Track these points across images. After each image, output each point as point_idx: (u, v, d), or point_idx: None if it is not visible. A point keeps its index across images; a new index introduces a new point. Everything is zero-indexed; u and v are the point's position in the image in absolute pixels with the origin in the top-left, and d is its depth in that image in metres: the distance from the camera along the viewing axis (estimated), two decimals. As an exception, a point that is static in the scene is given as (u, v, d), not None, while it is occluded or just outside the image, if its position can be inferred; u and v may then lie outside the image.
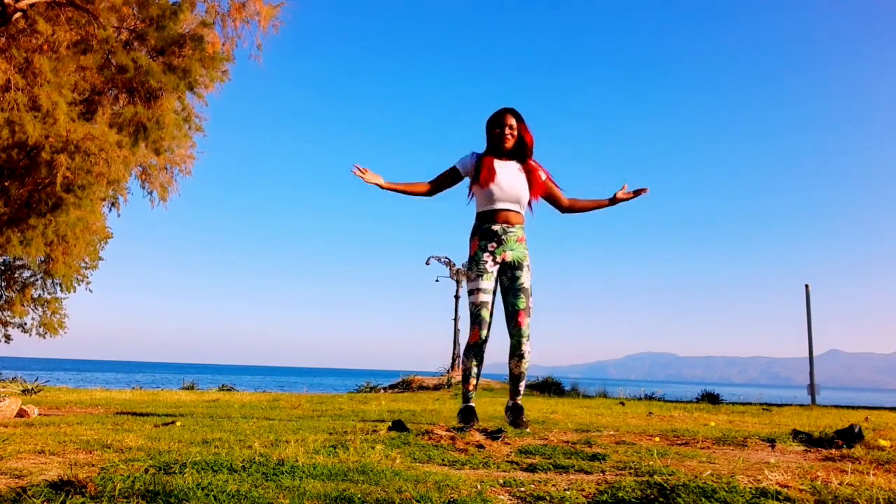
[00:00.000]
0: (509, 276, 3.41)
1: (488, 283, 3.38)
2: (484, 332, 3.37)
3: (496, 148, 3.45)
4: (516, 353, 3.39)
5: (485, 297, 3.36)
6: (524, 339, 3.36)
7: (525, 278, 3.40)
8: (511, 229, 3.39)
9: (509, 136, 3.41)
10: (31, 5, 10.24)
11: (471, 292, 3.41)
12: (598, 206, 3.63)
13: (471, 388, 3.47)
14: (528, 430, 3.27)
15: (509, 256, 3.39)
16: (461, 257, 22.09)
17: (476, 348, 3.39)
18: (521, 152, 3.47)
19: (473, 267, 3.41)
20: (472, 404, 3.48)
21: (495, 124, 3.44)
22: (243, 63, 13.41)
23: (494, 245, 3.38)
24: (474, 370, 3.43)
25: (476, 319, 3.37)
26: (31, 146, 10.42)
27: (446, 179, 3.53)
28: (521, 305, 3.36)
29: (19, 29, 10.42)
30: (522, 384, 3.50)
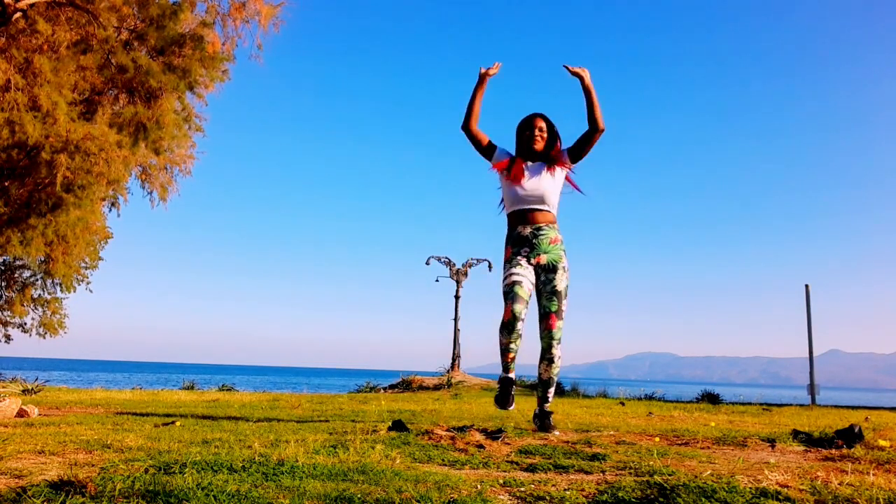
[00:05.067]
0: (543, 279, 3.34)
1: (523, 269, 3.30)
2: (518, 307, 3.22)
3: (526, 150, 3.44)
4: (546, 357, 3.34)
5: (518, 277, 3.28)
6: (554, 343, 3.30)
7: (560, 281, 3.32)
8: (542, 231, 3.34)
9: (539, 138, 3.42)
10: (31, 5, 10.23)
11: (505, 278, 3.33)
12: (590, 103, 3.37)
13: (509, 359, 3.38)
14: (557, 433, 3.23)
15: (544, 259, 3.33)
16: (461, 257, 22.10)
17: (510, 326, 3.25)
18: (550, 155, 3.45)
19: (507, 266, 3.36)
20: (512, 375, 3.43)
21: (525, 127, 3.46)
22: (243, 63, 13.42)
23: (528, 250, 3.34)
24: (511, 345, 3.31)
25: (508, 295, 3.27)
26: (31, 146, 10.41)
27: (482, 143, 3.47)
28: (553, 308, 3.29)
29: (19, 29, 10.42)
30: (552, 391, 3.41)
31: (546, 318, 3.31)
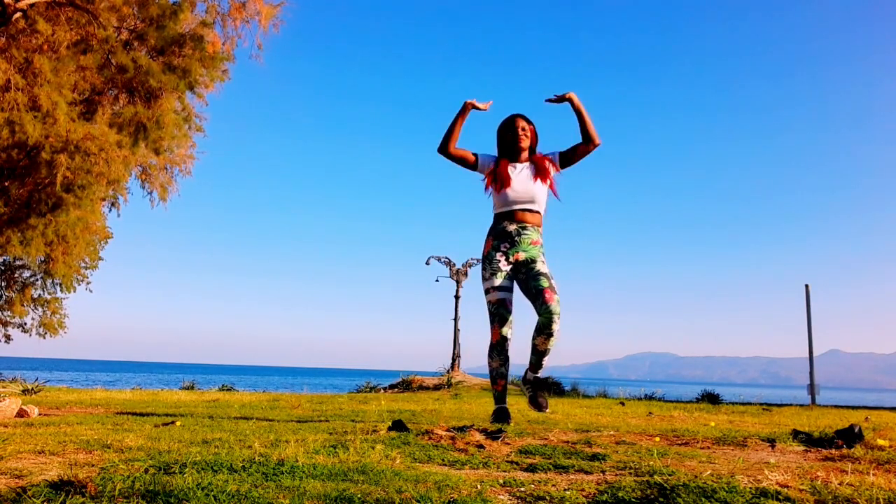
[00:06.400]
0: (525, 270, 3.37)
1: (503, 280, 3.35)
2: (505, 330, 3.31)
3: (511, 151, 3.49)
4: (544, 332, 3.21)
5: (502, 295, 3.33)
6: (555, 317, 3.20)
7: (542, 265, 3.35)
8: (526, 231, 3.38)
9: (523, 137, 3.47)
10: (31, 5, 10.23)
11: (487, 291, 3.37)
12: (582, 122, 3.43)
13: (500, 388, 3.38)
14: (547, 410, 3.27)
15: (522, 257, 3.37)
16: (461, 257, 22.08)
17: (499, 347, 3.33)
18: (536, 161, 3.51)
19: (487, 266, 3.39)
20: (506, 406, 3.40)
21: (507, 129, 3.50)
22: (243, 63, 13.42)
23: (507, 245, 3.38)
24: (501, 370, 3.35)
25: (495, 318, 3.32)
26: (31, 146, 10.41)
27: (464, 158, 3.50)
28: (545, 284, 3.27)
29: (19, 29, 10.42)
30: (546, 359, 3.33)
31: (541, 294, 3.24)
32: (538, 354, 3.32)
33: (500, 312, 3.32)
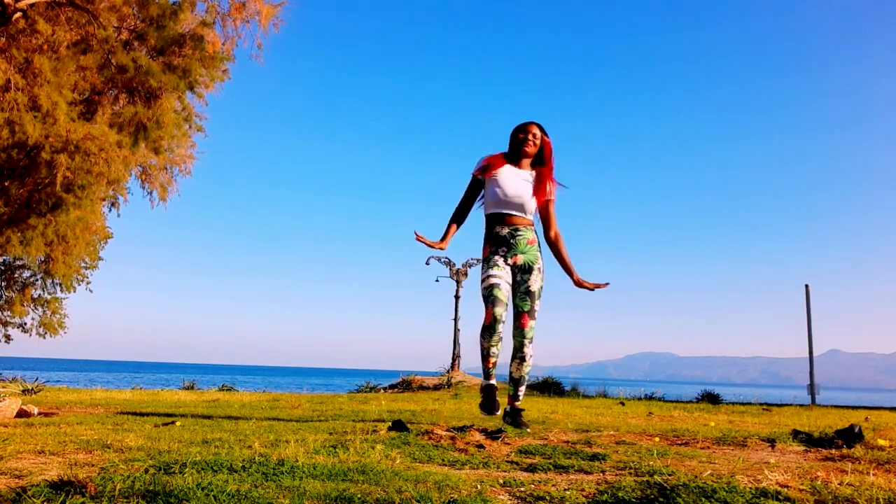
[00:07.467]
0: (519, 279, 3.44)
1: (501, 270, 3.40)
2: (498, 310, 3.32)
3: (517, 153, 3.54)
4: (517, 356, 3.40)
5: (496, 280, 3.37)
6: (526, 342, 3.37)
7: (534, 282, 3.42)
8: (519, 232, 3.44)
9: (532, 143, 3.52)
10: (31, 5, 10.23)
11: (483, 280, 3.42)
12: (566, 267, 3.59)
13: (490, 365, 3.42)
14: (528, 429, 3.28)
15: (521, 259, 3.43)
16: (461, 257, 22.07)
17: (491, 329, 3.34)
18: (539, 161, 3.58)
19: (486, 266, 3.45)
20: (493, 382, 3.46)
21: (520, 130, 3.56)
22: (243, 63, 13.41)
23: (505, 250, 3.43)
24: (492, 349, 3.37)
25: (488, 299, 3.36)
26: (31, 146, 10.42)
27: (472, 192, 3.60)
28: (526, 308, 3.39)
29: (19, 29, 10.42)
30: (522, 389, 3.47)
31: (519, 318, 3.40)
32: (514, 383, 3.45)
33: (493, 294, 3.36)
